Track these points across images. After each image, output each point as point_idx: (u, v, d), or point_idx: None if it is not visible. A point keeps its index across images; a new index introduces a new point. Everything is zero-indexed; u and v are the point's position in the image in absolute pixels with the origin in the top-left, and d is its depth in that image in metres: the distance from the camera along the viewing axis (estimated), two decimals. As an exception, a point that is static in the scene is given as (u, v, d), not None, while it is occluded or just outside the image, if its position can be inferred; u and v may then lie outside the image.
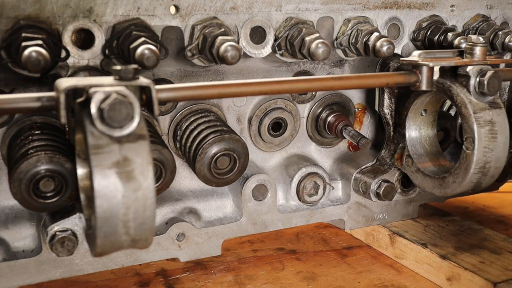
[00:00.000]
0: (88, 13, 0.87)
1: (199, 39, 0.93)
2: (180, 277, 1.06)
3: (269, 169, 1.16)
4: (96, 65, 0.90)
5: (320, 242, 1.23)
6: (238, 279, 1.06)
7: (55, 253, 0.88)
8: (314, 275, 1.07)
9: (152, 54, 0.80)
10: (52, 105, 0.66)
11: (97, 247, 0.63)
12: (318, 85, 0.87)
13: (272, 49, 1.00)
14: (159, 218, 1.05)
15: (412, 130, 1.06)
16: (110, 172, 0.60)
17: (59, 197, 0.82)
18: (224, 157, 0.95)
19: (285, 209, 1.13)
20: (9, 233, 0.95)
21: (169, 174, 0.89)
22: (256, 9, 0.98)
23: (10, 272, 0.91)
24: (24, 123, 0.90)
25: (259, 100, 1.11)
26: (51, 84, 0.80)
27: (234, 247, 1.19)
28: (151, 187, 0.62)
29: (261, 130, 1.11)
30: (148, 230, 0.64)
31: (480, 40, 0.94)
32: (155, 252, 1.01)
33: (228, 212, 1.11)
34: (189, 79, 1.03)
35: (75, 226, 0.89)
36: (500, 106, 0.92)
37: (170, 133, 1.04)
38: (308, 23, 1.01)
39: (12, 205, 0.96)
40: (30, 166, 0.79)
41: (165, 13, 0.92)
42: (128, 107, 0.61)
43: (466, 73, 0.91)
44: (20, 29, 0.81)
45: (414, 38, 1.14)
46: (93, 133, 0.61)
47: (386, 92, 1.10)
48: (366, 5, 1.07)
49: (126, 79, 0.66)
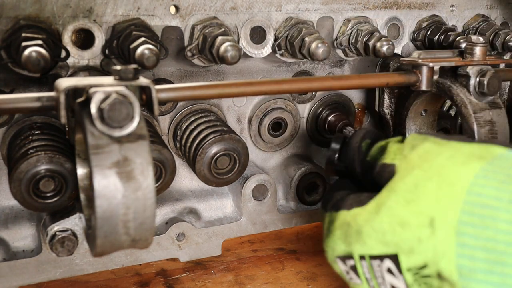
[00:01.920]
0: (88, 13, 0.87)
1: (199, 39, 0.93)
2: (180, 277, 1.06)
3: (269, 169, 1.16)
4: (96, 65, 0.90)
5: (320, 242, 1.22)
6: (238, 279, 1.05)
7: (55, 253, 0.88)
8: (314, 275, 1.07)
9: (152, 54, 0.80)
10: (52, 105, 0.66)
11: (97, 247, 0.63)
12: (318, 85, 0.87)
13: (272, 49, 1.00)
14: (159, 218, 1.05)
15: (412, 130, 1.06)
16: (110, 172, 0.60)
17: (59, 197, 0.82)
18: (224, 157, 0.95)
19: (285, 209, 1.13)
20: (9, 233, 0.95)
21: (169, 174, 0.89)
22: (256, 9, 0.98)
23: (10, 272, 0.91)
24: (24, 123, 0.90)
25: (259, 100, 1.11)
26: (51, 84, 0.80)
27: (234, 247, 1.19)
28: (151, 187, 0.62)
29: (261, 130, 1.11)
30: (148, 230, 0.64)
31: (480, 40, 0.94)
32: (155, 252, 1.01)
33: (228, 212, 1.11)
34: (189, 79, 1.03)
35: (75, 226, 0.89)
36: (500, 106, 0.92)
37: (170, 133, 1.04)
38: (308, 23, 1.01)
39: (12, 205, 0.96)
40: (30, 166, 0.79)
41: (165, 13, 0.92)
42: (128, 107, 0.61)
43: (466, 73, 0.91)
44: (20, 29, 0.81)
45: (414, 38, 1.14)
46: (93, 133, 0.61)
47: (386, 92, 1.10)
48: (366, 5, 1.07)
49: (126, 79, 0.66)
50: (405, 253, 0.65)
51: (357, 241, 0.71)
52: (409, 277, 0.65)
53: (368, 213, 0.71)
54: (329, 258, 0.78)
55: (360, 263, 0.71)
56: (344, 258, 0.74)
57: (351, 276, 0.74)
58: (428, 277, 0.63)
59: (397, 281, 0.66)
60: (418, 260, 0.64)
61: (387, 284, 0.68)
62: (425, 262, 0.63)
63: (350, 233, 0.72)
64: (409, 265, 0.65)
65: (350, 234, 0.72)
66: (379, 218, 0.69)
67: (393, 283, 0.67)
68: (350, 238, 0.72)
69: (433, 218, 0.63)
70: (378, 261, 0.68)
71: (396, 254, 0.66)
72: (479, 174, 0.62)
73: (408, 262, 0.64)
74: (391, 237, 0.67)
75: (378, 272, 0.69)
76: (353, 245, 0.71)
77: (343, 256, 0.73)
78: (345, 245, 0.73)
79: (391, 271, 0.67)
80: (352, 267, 0.72)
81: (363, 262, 0.70)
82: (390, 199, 0.69)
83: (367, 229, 0.70)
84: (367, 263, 0.70)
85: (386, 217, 0.68)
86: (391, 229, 0.67)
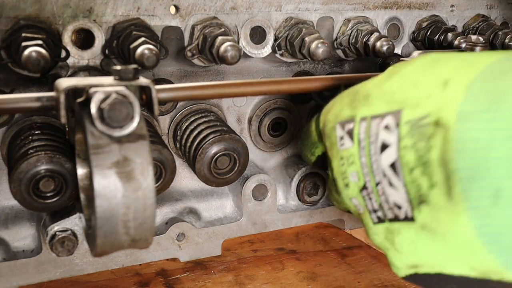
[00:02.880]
0: (88, 13, 0.87)
1: (199, 39, 0.93)
2: (180, 277, 1.06)
3: (269, 169, 1.16)
4: (96, 65, 0.90)
5: (320, 242, 1.23)
6: (238, 279, 1.05)
7: (55, 253, 0.88)
8: (314, 275, 1.07)
9: (152, 54, 0.80)
10: (52, 105, 0.66)
11: (97, 247, 0.63)
12: (318, 85, 0.87)
13: (272, 49, 1.00)
14: (159, 218, 1.05)
15: (412, 130, 1.06)
16: (110, 172, 0.60)
17: (59, 197, 0.82)
18: (224, 157, 0.95)
19: (285, 209, 1.13)
20: (9, 233, 0.95)
21: (169, 174, 0.89)
22: (256, 9, 0.98)
23: (10, 272, 0.91)
24: (24, 123, 0.90)
25: (259, 100, 1.11)
26: (51, 84, 0.80)
27: (234, 247, 1.19)
28: (151, 187, 0.62)
29: (261, 130, 1.11)
30: (148, 230, 0.64)
31: (480, 40, 0.94)
32: (155, 252, 1.01)
33: (228, 212, 1.11)
34: (189, 79, 1.03)
35: (75, 226, 0.89)
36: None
37: (170, 133, 1.04)
38: (308, 23, 1.01)
39: (12, 205, 0.96)
40: (30, 166, 0.79)
41: (165, 13, 0.92)
42: (128, 107, 0.61)
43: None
44: (20, 29, 0.81)
45: (414, 38, 1.14)
46: (93, 133, 0.61)
47: (386, 92, 1.10)
48: (366, 5, 1.07)
49: (126, 79, 0.66)
50: (410, 107, 0.65)
51: (363, 105, 0.71)
52: (404, 129, 0.64)
53: (379, 80, 0.73)
54: (328, 127, 0.78)
55: (359, 125, 0.71)
56: (344, 123, 0.74)
57: (343, 142, 0.74)
58: (424, 126, 0.62)
59: (390, 135, 0.66)
60: (420, 112, 0.63)
61: (379, 141, 0.68)
62: (427, 113, 0.62)
63: (357, 98, 0.73)
64: (410, 118, 0.64)
65: (357, 99, 0.73)
66: (390, 81, 0.70)
67: (385, 138, 0.67)
68: (357, 102, 0.73)
69: (447, 79, 0.63)
70: (379, 120, 0.68)
71: (400, 109, 0.66)
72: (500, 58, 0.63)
73: (410, 115, 0.64)
74: (399, 96, 0.67)
75: (374, 131, 0.69)
76: (358, 109, 0.72)
77: (345, 120, 0.74)
78: (350, 109, 0.73)
79: (388, 127, 0.67)
80: (349, 131, 0.73)
81: (362, 123, 0.70)
82: (406, 68, 0.70)
83: (376, 92, 0.71)
84: (366, 123, 0.70)
85: (398, 80, 0.69)
86: (401, 89, 0.68)
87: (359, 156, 0.70)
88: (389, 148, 0.66)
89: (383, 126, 0.67)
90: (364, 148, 0.69)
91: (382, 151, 0.67)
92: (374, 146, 0.68)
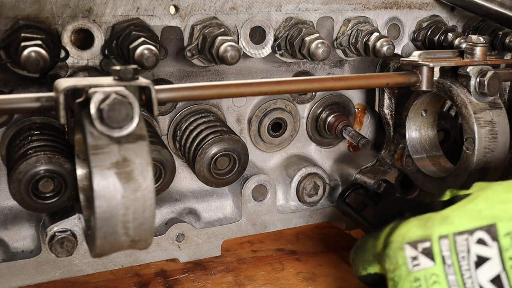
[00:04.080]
0: (87, 13, 0.87)
1: (198, 39, 0.92)
2: (179, 278, 1.06)
3: (269, 170, 1.16)
4: (95, 65, 0.90)
5: (320, 242, 1.23)
6: (237, 279, 1.05)
7: (54, 254, 0.88)
8: (314, 276, 1.07)
9: (152, 54, 0.80)
10: (51, 106, 0.66)
11: (96, 248, 0.63)
12: (318, 85, 0.87)
13: (272, 49, 1.00)
14: (159, 218, 1.05)
15: (412, 130, 1.06)
16: (110, 172, 0.60)
17: (58, 197, 0.82)
18: (224, 158, 0.95)
19: (285, 210, 1.13)
20: (8, 234, 0.95)
21: (169, 174, 0.89)
22: (256, 9, 0.98)
23: (9, 273, 0.91)
24: (23, 124, 0.90)
25: (259, 100, 1.10)
26: (50, 84, 0.80)
27: (234, 248, 1.19)
28: (151, 188, 0.62)
29: (261, 130, 1.11)
30: (148, 231, 0.64)
31: (480, 40, 0.93)
32: (155, 252, 1.01)
33: (228, 212, 1.11)
34: (188, 79, 1.03)
35: (74, 226, 0.89)
36: (501, 106, 0.92)
37: (169, 133, 1.04)
38: (308, 23, 1.01)
39: (11, 205, 0.95)
40: (29, 167, 0.79)
41: (164, 13, 0.92)
42: (128, 108, 0.61)
43: (467, 73, 0.91)
44: (19, 29, 0.81)
45: (414, 38, 1.14)
46: (92, 133, 0.61)
47: (386, 93, 1.10)
48: (366, 5, 1.07)
49: (126, 80, 0.66)
50: (505, 221, 0.66)
51: (440, 224, 0.71)
52: (506, 241, 0.66)
53: (457, 205, 0.73)
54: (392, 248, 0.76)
55: (439, 242, 0.70)
56: (416, 243, 0.72)
57: (418, 262, 0.72)
58: None
59: (488, 249, 0.66)
60: None
61: (472, 255, 0.68)
62: None
63: (431, 220, 0.73)
64: (508, 230, 0.66)
65: (431, 220, 0.73)
66: (474, 202, 0.71)
67: (481, 252, 0.67)
68: (430, 223, 0.72)
69: None
70: (466, 235, 0.68)
71: (493, 223, 0.67)
72: None
73: (507, 227, 0.66)
74: (489, 212, 0.68)
75: (462, 246, 0.68)
76: (433, 228, 0.71)
77: (416, 240, 0.73)
78: (422, 230, 0.73)
79: (483, 241, 0.67)
80: (425, 249, 0.71)
81: (443, 241, 0.70)
82: (488, 190, 0.72)
83: (455, 213, 0.71)
84: (449, 241, 0.69)
85: (483, 200, 0.70)
86: (490, 206, 0.69)
87: (446, 274, 0.69)
88: (488, 262, 0.66)
89: (474, 240, 0.67)
90: (452, 266, 0.69)
91: (477, 266, 0.67)
92: (467, 262, 0.68)
